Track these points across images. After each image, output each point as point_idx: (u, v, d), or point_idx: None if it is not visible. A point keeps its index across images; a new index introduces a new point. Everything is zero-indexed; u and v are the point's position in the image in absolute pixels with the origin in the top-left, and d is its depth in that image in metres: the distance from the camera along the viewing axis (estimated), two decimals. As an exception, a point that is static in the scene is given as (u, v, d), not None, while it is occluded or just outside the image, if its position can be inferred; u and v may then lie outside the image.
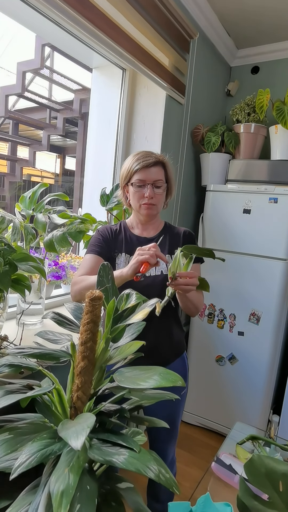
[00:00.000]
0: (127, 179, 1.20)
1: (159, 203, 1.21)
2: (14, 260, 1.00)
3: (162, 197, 1.22)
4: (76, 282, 1.15)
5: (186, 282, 0.97)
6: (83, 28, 1.34)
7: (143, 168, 1.16)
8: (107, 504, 0.61)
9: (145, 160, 1.16)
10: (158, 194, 1.18)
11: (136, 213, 1.26)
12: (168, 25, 1.76)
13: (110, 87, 1.95)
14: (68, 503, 0.46)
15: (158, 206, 1.21)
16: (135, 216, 1.28)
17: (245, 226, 2.06)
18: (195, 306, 1.17)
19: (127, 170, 1.20)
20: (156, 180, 1.17)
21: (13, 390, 0.66)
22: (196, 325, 2.25)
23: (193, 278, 0.98)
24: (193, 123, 2.23)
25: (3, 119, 2.67)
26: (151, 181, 1.16)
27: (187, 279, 0.97)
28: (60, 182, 4.78)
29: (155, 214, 1.23)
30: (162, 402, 0.92)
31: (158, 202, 1.20)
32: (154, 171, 1.17)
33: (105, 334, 0.69)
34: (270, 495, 0.63)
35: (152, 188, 1.16)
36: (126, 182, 1.22)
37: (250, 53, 2.52)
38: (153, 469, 0.53)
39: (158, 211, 1.24)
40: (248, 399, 2.10)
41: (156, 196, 1.18)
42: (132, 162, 1.19)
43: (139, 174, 1.17)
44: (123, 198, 1.28)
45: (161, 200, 1.22)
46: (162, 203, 1.24)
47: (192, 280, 0.98)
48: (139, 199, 1.19)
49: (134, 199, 1.20)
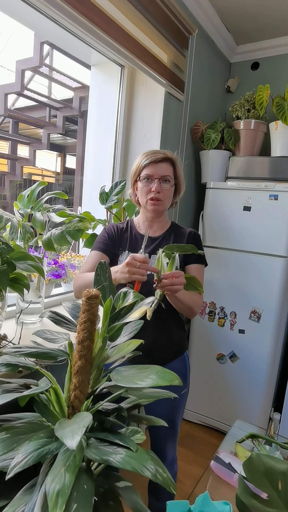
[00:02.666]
0: (136, 175, 1.22)
1: (166, 199, 1.20)
2: (12, 259, 1.00)
3: (170, 194, 1.21)
4: (77, 279, 1.20)
5: (171, 283, 0.94)
6: (80, 25, 1.33)
7: (151, 163, 1.17)
8: (105, 503, 0.61)
9: (154, 156, 1.18)
10: (166, 189, 1.18)
11: (143, 210, 1.26)
12: (167, 21, 1.74)
13: (108, 85, 1.94)
14: (64, 503, 0.45)
15: (165, 202, 1.20)
16: (142, 214, 1.29)
17: (245, 224, 2.05)
18: (189, 308, 1.13)
19: (136, 166, 1.22)
20: (164, 175, 1.17)
21: (10, 389, 0.66)
22: (197, 323, 2.25)
23: (179, 277, 0.95)
24: (193, 120, 2.21)
25: (3, 118, 2.67)
26: (159, 176, 1.17)
27: (172, 279, 0.94)
28: (61, 181, 4.77)
29: (162, 210, 1.23)
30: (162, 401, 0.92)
31: (165, 198, 1.19)
32: (162, 167, 1.17)
33: (102, 332, 0.68)
34: (269, 494, 0.63)
35: (159, 183, 1.17)
36: (135, 179, 1.23)
37: (250, 49, 2.50)
38: (150, 468, 0.53)
39: (165, 208, 1.23)
40: (249, 397, 2.09)
41: (164, 191, 1.18)
42: (141, 159, 1.21)
43: (147, 169, 1.18)
44: (132, 196, 1.29)
45: (169, 197, 1.21)
46: (170, 200, 1.23)
47: (177, 279, 0.94)
48: (146, 194, 1.19)
49: (142, 195, 1.21)
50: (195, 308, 1.16)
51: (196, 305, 1.16)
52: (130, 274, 0.96)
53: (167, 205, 1.23)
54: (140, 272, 0.95)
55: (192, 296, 1.14)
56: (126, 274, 0.97)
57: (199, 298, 1.19)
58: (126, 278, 0.98)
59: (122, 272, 0.98)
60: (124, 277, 0.98)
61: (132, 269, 0.95)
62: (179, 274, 0.95)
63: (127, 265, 0.96)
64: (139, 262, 0.95)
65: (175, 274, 0.95)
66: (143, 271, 0.95)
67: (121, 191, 1.64)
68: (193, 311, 1.16)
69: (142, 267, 0.95)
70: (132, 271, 0.95)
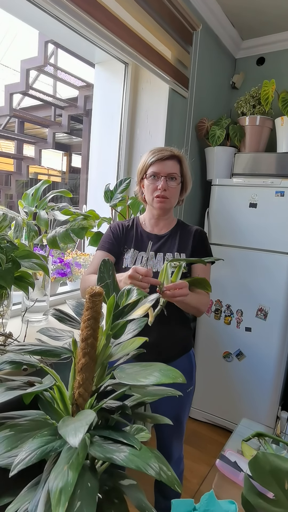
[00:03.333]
0: (143, 172, 1.21)
1: (173, 197, 1.20)
2: (17, 257, 1.00)
3: (176, 191, 1.20)
4: (83, 281, 1.21)
5: (173, 294, 0.94)
6: (84, 23, 1.33)
7: (158, 161, 1.17)
8: (109, 501, 0.60)
9: (160, 153, 1.17)
10: (172, 187, 1.18)
11: (150, 207, 1.26)
12: (170, 16, 1.73)
13: (112, 82, 1.93)
14: (67, 500, 0.45)
15: (171, 200, 1.20)
16: (148, 212, 1.29)
17: (251, 220, 2.03)
18: (195, 309, 1.14)
19: (142, 164, 1.22)
20: (170, 173, 1.17)
21: (14, 386, 0.66)
22: (203, 321, 2.24)
23: (182, 288, 0.94)
24: (197, 117, 2.20)
25: (9, 118, 2.68)
26: (165, 174, 1.16)
27: (174, 291, 0.94)
28: (67, 180, 4.79)
29: (168, 208, 1.23)
30: (168, 399, 0.92)
31: (172, 195, 1.19)
32: (168, 164, 1.17)
33: (106, 330, 0.68)
34: (275, 493, 0.62)
35: (165, 181, 1.16)
36: (141, 177, 1.23)
37: (255, 44, 2.47)
38: (154, 466, 0.52)
39: (172, 206, 1.23)
40: (256, 396, 2.08)
41: (170, 189, 1.17)
42: (147, 156, 1.21)
43: (154, 167, 1.18)
44: (139, 193, 1.29)
45: (175, 194, 1.20)
46: (176, 197, 1.23)
47: (180, 291, 0.94)
48: (152, 192, 1.19)
49: (148, 192, 1.21)
50: (202, 308, 1.16)
51: (202, 306, 1.16)
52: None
53: (173, 203, 1.23)
54: (142, 285, 0.94)
55: (198, 298, 1.14)
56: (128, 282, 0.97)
57: (206, 298, 1.19)
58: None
59: (125, 283, 0.99)
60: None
61: (134, 282, 0.95)
62: (182, 285, 0.95)
63: (129, 278, 0.96)
64: (141, 275, 0.95)
65: (178, 285, 0.94)
66: (145, 284, 0.95)
67: (125, 189, 1.64)
68: (200, 311, 1.17)
69: (144, 280, 0.95)
70: (134, 284, 0.95)
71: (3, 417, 0.65)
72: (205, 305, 1.18)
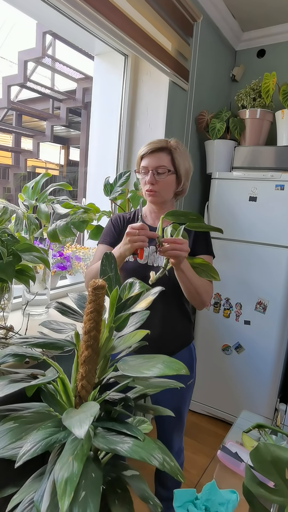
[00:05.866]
0: (137, 166, 1.21)
1: (163, 190, 1.17)
2: (17, 250, 1.00)
3: (166, 184, 1.17)
4: (86, 274, 1.22)
5: (172, 247, 0.93)
6: (83, 12, 1.31)
7: (147, 154, 1.16)
8: (113, 491, 0.61)
9: (149, 146, 1.16)
10: (160, 180, 1.15)
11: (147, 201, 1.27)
12: (171, 7, 1.71)
13: (112, 74, 1.91)
14: (72, 490, 0.46)
15: (162, 193, 1.18)
16: (148, 205, 1.29)
17: (251, 214, 2.03)
18: (196, 292, 1.10)
19: (137, 158, 1.21)
20: (158, 166, 1.15)
21: (17, 379, 0.66)
22: (202, 315, 2.25)
23: (182, 244, 0.94)
24: (197, 110, 2.18)
25: (6, 110, 2.65)
26: (153, 167, 1.15)
27: (173, 245, 0.93)
28: (65, 173, 4.76)
29: (161, 201, 1.21)
30: (168, 392, 0.92)
31: (161, 189, 1.16)
32: (157, 157, 1.15)
33: (109, 323, 0.68)
34: (276, 483, 0.63)
35: (152, 174, 1.14)
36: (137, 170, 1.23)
37: (256, 36, 2.45)
38: (158, 457, 0.53)
39: (165, 198, 1.21)
40: (255, 388, 2.10)
41: (159, 182, 1.15)
42: (140, 150, 1.20)
43: (144, 161, 1.18)
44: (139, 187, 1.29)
45: (165, 187, 1.17)
46: (168, 190, 1.19)
47: (179, 245, 0.93)
48: (144, 186, 1.19)
49: (141, 186, 1.21)
50: (204, 295, 1.12)
51: (204, 292, 1.12)
52: (131, 243, 0.99)
53: (166, 196, 1.20)
54: (140, 239, 0.97)
55: (201, 282, 1.11)
56: (128, 244, 1.00)
57: (208, 287, 1.16)
58: (128, 249, 1.01)
59: (124, 244, 1.01)
60: (126, 248, 1.01)
61: (133, 237, 0.98)
62: (182, 241, 0.95)
63: (127, 235, 0.99)
64: (137, 230, 0.97)
65: (177, 240, 0.94)
66: (143, 237, 0.97)
67: (125, 182, 1.63)
68: (202, 298, 1.13)
69: (141, 233, 0.97)
70: (133, 240, 0.98)
71: (7, 409, 0.66)
72: (207, 293, 1.14)
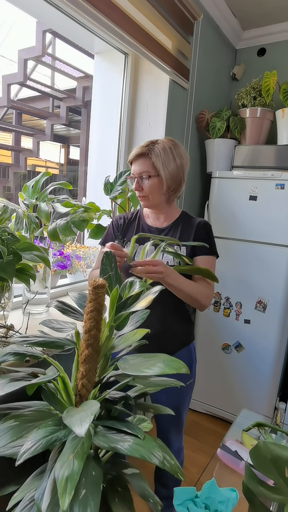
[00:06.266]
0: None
1: (152, 194, 1.18)
2: (18, 249, 1.00)
3: (152, 189, 1.17)
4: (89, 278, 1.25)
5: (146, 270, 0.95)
6: (83, 11, 1.31)
7: (133, 160, 1.19)
8: (113, 489, 0.61)
9: (133, 152, 1.18)
10: (146, 185, 1.17)
11: None
12: (171, 5, 1.70)
13: (112, 73, 1.91)
14: (73, 488, 0.46)
15: (151, 197, 1.19)
16: None
17: (251, 213, 2.03)
18: (192, 298, 1.11)
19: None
20: (140, 172, 1.17)
21: (18, 377, 0.66)
22: (202, 314, 2.25)
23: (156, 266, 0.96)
24: (198, 109, 2.18)
25: (6, 109, 2.65)
26: (137, 174, 1.17)
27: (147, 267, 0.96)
28: (65, 172, 4.76)
29: (154, 204, 1.22)
30: (168, 391, 0.92)
31: (149, 193, 1.18)
32: (139, 163, 1.17)
33: (109, 322, 0.68)
34: (275, 481, 0.63)
35: (138, 181, 1.17)
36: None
37: (257, 34, 2.44)
38: (158, 455, 0.53)
39: (156, 201, 1.21)
40: (255, 387, 2.10)
41: (145, 187, 1.17)
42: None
43: (132, 167, 1.21)
44: None
45: (152, 191, 1.17)
46: (156, 193, 1.18)
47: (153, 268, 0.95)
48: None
49: None
50: (202, 300, 1.13)
51: (202, 297, 1.13)
52: None
53: (155, 199, 1.20)
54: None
55: (196, 287, 1.12)
56: None
57: (207, 290, 1.16)
58: None
59: None
60: None
61: None
62: (155, 263, 0.97)
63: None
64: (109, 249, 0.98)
65: (150, 262, 0.97)
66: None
67: (125, 181, 1.63)
68: (200, 302, 1.14)
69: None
70: None
71: (7, 408, 0.66)
72: (206, 297, 1.15)
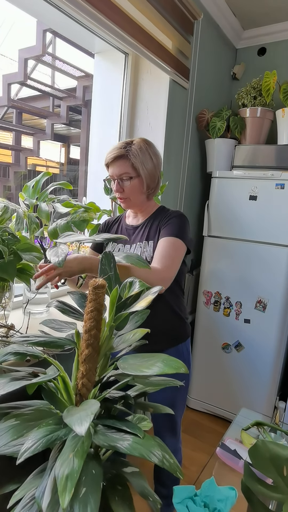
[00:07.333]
0: None
1: (131, 195, 1.17)
2: (18, 250, 1.00)
3: (133, 189, 1.16)
4: None
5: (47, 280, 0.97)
6: (83, 11, 1.31)
7: (110, 162, 1.17)
8: (113, 488, 0.62)
9: (110, 154, 1.16)
10: (126, 187, 1.16)
11: None
12: (171, 5, 1.70)
13: (112, 73, 1.91)
14: (73, 486, 0.46)
15: (132, 197, 1.18)
16: None
17: (251, 213, 2.03)
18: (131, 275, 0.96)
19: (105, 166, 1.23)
20: (120, 174, 1.15)
21: (18, 377, 0.67)
22: (202, 313, 2.26)
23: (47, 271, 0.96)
24: (198, 108, 2.18)
25: (7, 108, 2.65)
26: (117, 176, 1.16)
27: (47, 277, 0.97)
28: (65, 172, 4.76)
29: (134, 205, 1.22)
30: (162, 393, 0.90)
31: (129, 194, 1.17)
32: (118, 165, 1.15)
33: (109, 322, 0.69)
34: (274, 480, 0.64)
35: (117, 183, 1.16)
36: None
37: (257, 34, 2.44)
38: (157, 454, 0.54)
39: (137, 202, 1.20)
40: (255, 386, 2.11)
41: (126, 189, 1.16)
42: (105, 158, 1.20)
43: (109, 170, 1.19)
44: None
45: (133, 192, 1.17)
46: (137, 194, 1.18)
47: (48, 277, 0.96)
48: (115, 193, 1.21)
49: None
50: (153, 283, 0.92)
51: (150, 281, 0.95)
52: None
53: (137, 199, 1.19)
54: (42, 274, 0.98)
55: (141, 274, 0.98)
56: None
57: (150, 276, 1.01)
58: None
59: None
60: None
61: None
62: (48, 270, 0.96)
63: None
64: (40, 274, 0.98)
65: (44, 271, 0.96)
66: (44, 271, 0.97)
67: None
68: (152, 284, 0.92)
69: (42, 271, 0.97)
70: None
71: (8, 407, 0.66)
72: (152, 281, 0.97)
